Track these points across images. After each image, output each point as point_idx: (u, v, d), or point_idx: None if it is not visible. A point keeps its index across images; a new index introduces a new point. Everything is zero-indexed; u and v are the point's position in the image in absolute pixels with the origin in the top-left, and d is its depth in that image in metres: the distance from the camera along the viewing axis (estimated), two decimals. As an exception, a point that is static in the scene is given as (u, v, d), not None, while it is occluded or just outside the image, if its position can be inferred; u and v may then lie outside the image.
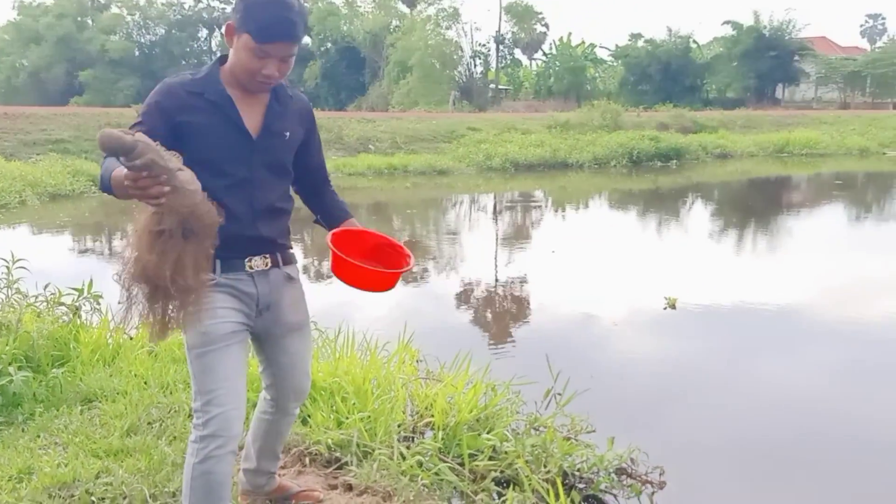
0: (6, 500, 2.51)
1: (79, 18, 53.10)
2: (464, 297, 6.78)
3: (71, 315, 4.06)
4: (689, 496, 3.10)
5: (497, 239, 10.28)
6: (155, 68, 50.07)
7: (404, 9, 50.02)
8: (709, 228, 11.01)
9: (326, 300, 6.15)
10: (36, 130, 18.90)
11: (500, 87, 49.43)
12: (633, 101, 41.18)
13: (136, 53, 51.13)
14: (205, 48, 58.84)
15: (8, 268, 4.15)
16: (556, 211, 13.58)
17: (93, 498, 2.52)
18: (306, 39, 53.11)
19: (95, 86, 48.01)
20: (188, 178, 1.69)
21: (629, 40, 51.24)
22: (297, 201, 2.30)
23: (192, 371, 2.03)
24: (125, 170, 1.62)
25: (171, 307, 1.78)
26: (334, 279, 2.13)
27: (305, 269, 7.78)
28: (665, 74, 45.94)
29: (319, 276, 7.53)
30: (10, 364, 3.35)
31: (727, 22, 46.56)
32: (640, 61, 47.25)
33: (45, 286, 4.24)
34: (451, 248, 9.46)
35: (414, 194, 15.32)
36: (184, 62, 52.45)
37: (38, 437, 3.02)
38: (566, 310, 6.27)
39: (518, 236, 10.53)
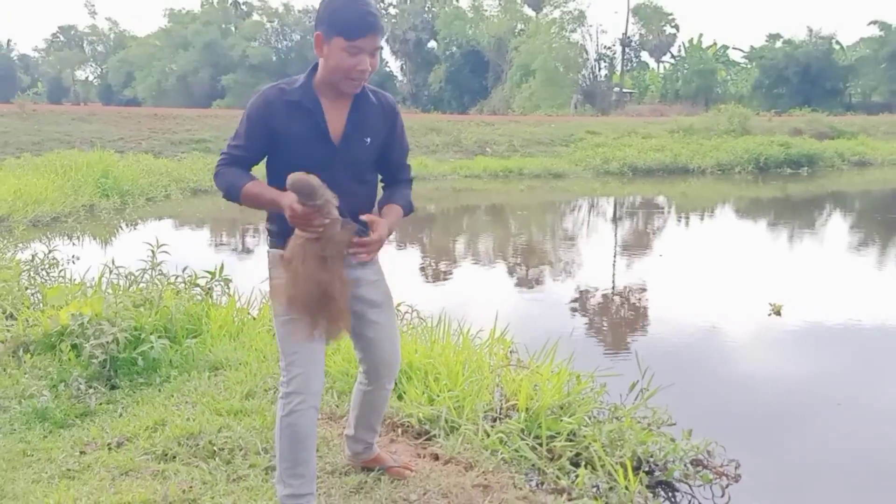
0: (143, 445, 2.95)
1: (223, 26, 56.51)
2: (564, 294, 6.90)
3: (204, 295, 4.60)
4: (765, 492, 3.14)
5: (608, 243, 10.29)
6: (290, 72, 51.92)
7: (530, 12, 50.07)
8: (834, 239, 10.51)
9: (430, 294, 6.46)
10: (182, 130, 20.53)
11: (624, 90, 48.55)
12: (767, 104, 39.35)
13: (274, 59, 53.70)
14: (336, 53, 61.15)
15: (153, 251, 4.73)
16: (674, 216, 13.35)
17: (214, 447, 2.92)
18: (432, 43, 54.23)
19: (236, 90, 50.85)
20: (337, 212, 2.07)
21: (766, 41, 49.02)
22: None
23: (278, 336, 2.30)
24: (273, 194, 2.11)
25: (333, 315, 2.15)
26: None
27: (422, 270, 8.15)
28: (804, 77, 43.67)
29: (436, 277, 7.88)
30: (151, 333, 3.86)
31: (874, 22, 43.79)
32: (777, 63, 45.08)
33: (184, 269, 4.77)
34: (562, 250, 9.58)
35: (528, 197, 15.47)
36: (316, 66, 54.73)
37: (172, 396, 3.47)
38: (665, 310, 6.28)
39: (629, 241, 10.49)
